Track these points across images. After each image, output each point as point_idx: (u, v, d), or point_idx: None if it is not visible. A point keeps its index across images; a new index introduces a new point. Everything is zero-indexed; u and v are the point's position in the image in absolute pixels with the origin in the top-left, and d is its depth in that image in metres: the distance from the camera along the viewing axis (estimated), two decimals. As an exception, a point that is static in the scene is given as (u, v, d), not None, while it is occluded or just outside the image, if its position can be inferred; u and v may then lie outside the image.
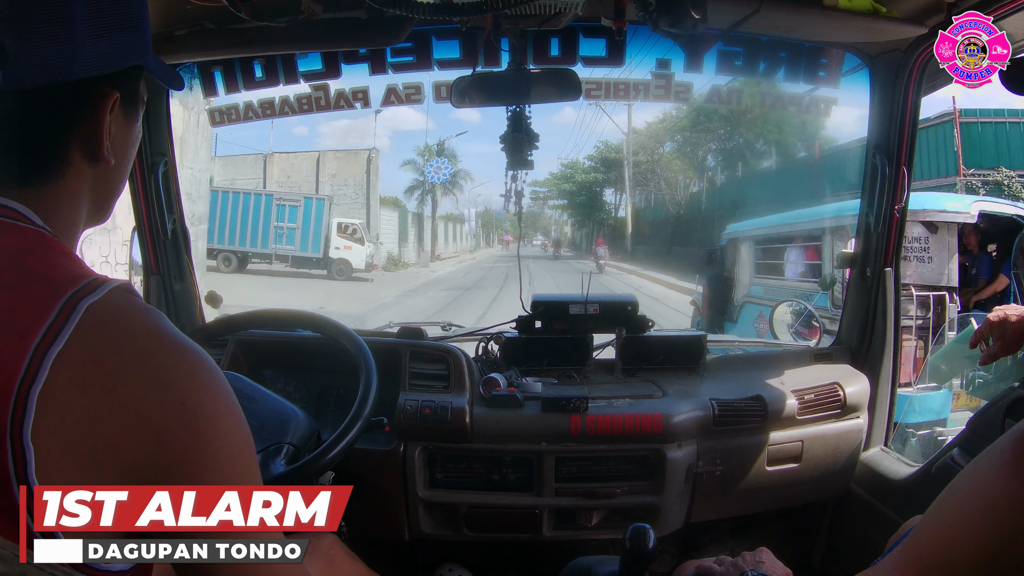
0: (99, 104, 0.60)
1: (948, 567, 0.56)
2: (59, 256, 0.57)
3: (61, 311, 0.52)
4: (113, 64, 0.60)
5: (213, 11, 1.31)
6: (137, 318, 0.56)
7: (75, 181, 0.61)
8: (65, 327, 0.52)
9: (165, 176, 1.64)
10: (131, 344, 0.54)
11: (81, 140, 0.60)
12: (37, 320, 0.52)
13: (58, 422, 0.50)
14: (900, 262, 1.65)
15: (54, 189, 0.59)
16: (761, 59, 1.58)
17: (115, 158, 0.62)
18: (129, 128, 0.65)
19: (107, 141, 0.61)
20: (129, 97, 0.63)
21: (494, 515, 1.50)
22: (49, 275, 0.55)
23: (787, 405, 1.55)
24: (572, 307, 1.67)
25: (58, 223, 0.60)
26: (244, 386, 1.24)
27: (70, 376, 0.51)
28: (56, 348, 0.51)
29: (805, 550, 1.78)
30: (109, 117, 0.60)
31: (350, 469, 1.43)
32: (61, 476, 0.51)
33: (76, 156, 0.60)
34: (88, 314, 0.53)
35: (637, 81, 1.77)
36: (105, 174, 0.63)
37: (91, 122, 0.60)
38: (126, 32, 0.61)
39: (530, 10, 1.35)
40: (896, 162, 1.58)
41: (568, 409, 1.46)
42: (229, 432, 0.58)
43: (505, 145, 1.48)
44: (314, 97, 1.72)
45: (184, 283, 1.74)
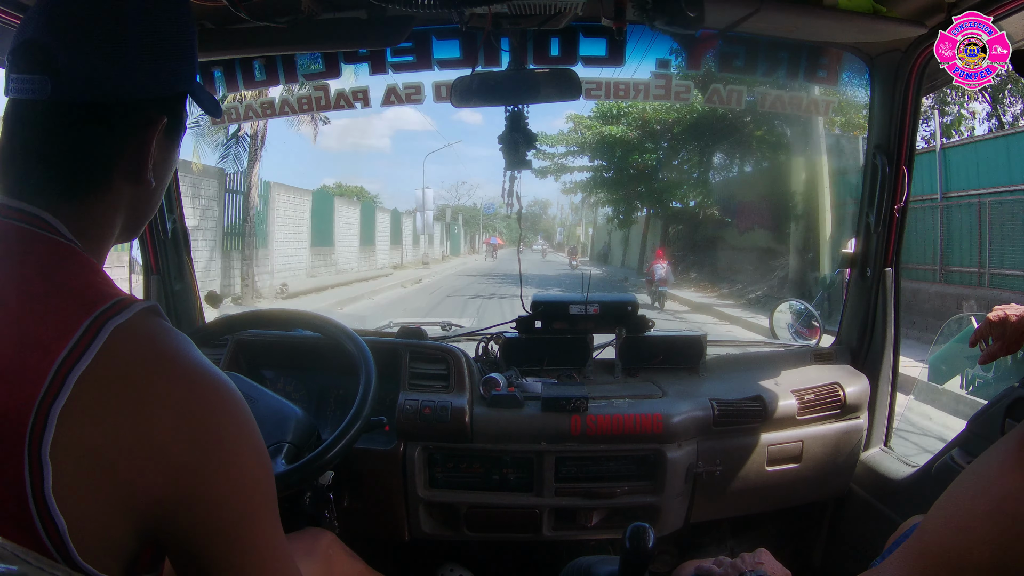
0: (148, 128, 0.60)
1: (953, 565, 0.56)
2: (88, 272, 0.57)
3: (88, 329, 0.52)
4: (164, 89, 0.62)
5: (213, 11, 1.31)
6: (163, 342, 0.56)
7: (114, 199, 0.61)
8: (91, 346, 0.51)
9: None
10: (155, 369, 0.54)
11: (126, 161, 0.60)
12: (63, 336, 0.51)
13: (77, 440, 0.50)
14: (900, 262, 1.65)
15: (91, 205, 0.60)
16: (761, 59, 1.58)
17: (156, 180, 0.63)
18: (171, 152, 0.66)
19: (151, 164, 0.61)
20: (175, 122, 0.64)
21: (494, 515, 1.50)
22: (77, 291, 0.55)
23: (787, 405, 1.55)
24: (572, 307, 1.67)
25: (89, 238, 0.60)
26: (243, 385, 1.24)
27: (93, 396, 0.51)
28: (81, 367, 0.51)
29: (805, 550, 1.78)
30: (155, 141, 0.61)
31: (350, 469, 1.44)
32: (77, 495, 0.50)
33: (118, 176, 0.60)
34: (115, 335, 0.53)
35: (637, 81, 1.77)
36: (143, 195, 0.64)
37: (138, 144, 0.60)
38: (178, 59, 0.62)
39: (530, 10, 1.36)
40: (896, 162, 1.58)
41: (568, 409, 1.46)
42: (248, 460, 0.57)
43: (503, 145, 1.48)
44: (314, 97, 1.72)
45: (184, 283, 1.74)
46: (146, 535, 0.54)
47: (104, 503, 0.51)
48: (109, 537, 0.53)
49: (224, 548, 0.56)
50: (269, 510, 0.59)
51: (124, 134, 0.60)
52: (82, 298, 0.54)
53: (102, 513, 0.52)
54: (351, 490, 1.48)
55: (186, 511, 0.54)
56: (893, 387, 1.69)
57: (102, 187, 0.60)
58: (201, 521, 0.55)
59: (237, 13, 1.24)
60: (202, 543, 0.55)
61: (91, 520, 0.51)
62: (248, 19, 1.26)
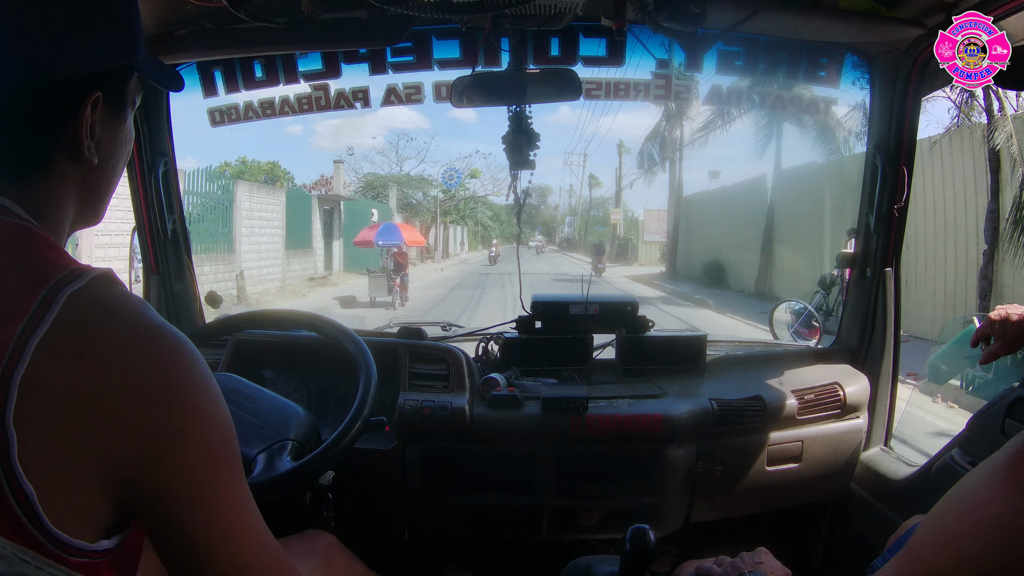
0: (79, 104, 0.59)
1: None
2: (43, 247, 0.57)
3: (44, 299, 0.53)
4: (96, 64, 0.60)
5: (213, 11, 1.31)
6: (119, 306, 0.56)
7: (59, 180, 0.61)
8: (48, 314, 0.52)
9: (165, 176, 1.64)
10: (112, 330, 0.55)
11: (63, 140, 0.60)
12: (21, 307, 0.52)
13: (40, 407, 0.51)
14: (900, 262, 1.65)
15: (39, 188, 0.60)
16: (761, 59, 1.58)
17: (100, 158, 0.62)
18: (116, 128, 0.64)
19: (88, 141, 0.60)
20: (115, 97, 0.63)
21: (494, 515, 1.50)
22: (33, 264, 0.55)
23: (787, 405, 1.55)
24: (572, 307, 1.67)
25: (45, 220, 0.60)
26: (243, 386, 1.24)
27: (52, 362, 0.51)
28: (38, 335, 0.51)
29: (805, 550, 1.78)
30: (91, 117, 0.60)
31: (350, 469, 1.44)
32: (44, 462, 0.51)
33: (59, 156, 0.60)
34: (69, 302, 0.53)
35: (637, 81, 1.77)
36: (92, 174, 0.63)
37: (71, 122, 0.60)
38: (111, 33, 0.61)
39: (530, 10, 1.35)
40: (896, 162, 1.58)
41: (568, 409, 1.46)
42: (209, 416, 0.58)
43: (506, 145, 1.48)
44: (314, 97, 1.72)
45: (184, 283, 1.74)
46: (116, 499, 0.55)
47: (71, 468, 0.52)
48: (80, 502, 0.53)
49: (191, 505, 0.56)
50: (233, 465, 0.60)
51: (57, 113, 0.59)
52: (39, 270, 0.55)
53: (70, 479, 0.52)
54: (351, 490, 1.48)
55: (151, 470, 0.54)
56: (893, 387, 1.69)
57: (44, 168, 0.60)
58: (166, 479, 0.55)
59: (236, 14, 1.24)
60: (169, 501, 0.56)
61: (60, 486, 0.52)
62: (248, 20, 1.26)
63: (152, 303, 1.67)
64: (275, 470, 1.10)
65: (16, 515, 0.50)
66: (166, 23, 1.41)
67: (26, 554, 0.51)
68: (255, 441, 1.13)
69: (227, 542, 0.58)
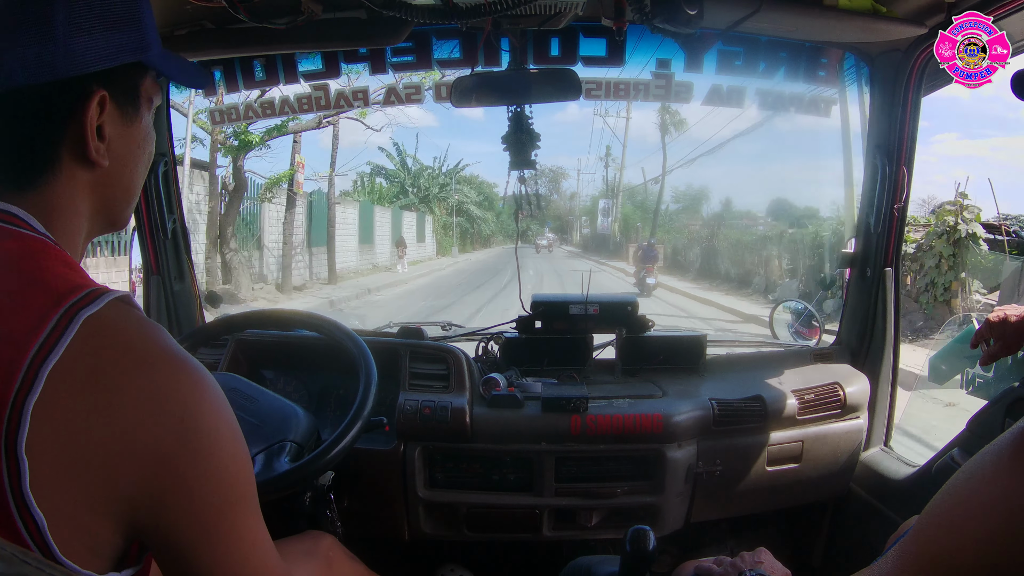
0: (83, 103, 0.58)
1: (946, 564, 0.56)
2: (59, 264, 0.56)
3: (59, 322, 0.51)
4: (102, 62, 0.58)
5: (213, 11, 1.31)
6: (136, 331, 0.55)
7: (68, 184, 0.59)
8: (62, 339, 0.51)
9: (165, 176, 1.64)
10: (129, 357, 0.53)
11: (68, 141, 0.58)
12: (35, 330, 0.51)
13: (53, 435, 0.50)
14: (900, 262, 1.65)
15: (49, 194, 0.58)
16: (761, 59, 1.58)
17: (113, 160, 0.61)
18: (128, 128, 0.62)
19: (94, 142, 0.59)
20: (124, 96, 0.61)
21: (494, 515, 1.50)
22: (48, 284, 0.54)
23: (787, 405, 1.55)
24: (572, 307, 1.67)
25: (59, 229, 0.59)
26: (243, 386, 1.24)
27: (66, 388, 0.50)
28: (52, 360, 0.50)
29: (805, 550, 1.78)
30: (97, 116, 0.59)
31: (350, 469, 1.44)
32: (56, 490, 0.50)
33: (66, 158, 0.58)
34: (86, 326, 0.52)
35: (637, 81, 1.77)
36: (105, 178, 0.61)
37: (74, 122, 0.58)
38: (117, 29, 0.59)
39: (530, 10, 1.35)
40: (896, 162, 1.58)
41: (568, 409, 1.46)
42: (227, 449, 0.57)
43: (507, 145, 1.48)
44: (314, 97, 1.72)
45: (184, 283, 1.74)
46: (127, 528, 0.54)
47: (83, 497, 0.51)
48: (90, 531, 0.52)
49: (205, 539, 0.55)
50: (250, 499, 0.58)
51: (58, 113, 0.57)
52: (53, 291, 0.53)
53: (81, 507, 0.51)
54: (351, 490, 1.47)
55: (165, 502, 0.53)
56: (893, 387, 1.69)
57: (53, 173, 0.58)
58: (181, 512, 0.54)
59: (236, 14, 1.24)
60: (182, 535, 0.55)
61: (71, 515, 0.51)
62: (248, 20, 1.26)
63: (152, 303, 1.67)
64: (273, 471, 1.10)
65: (26, 543, 0.50)
66: (166, 23, 1.40)
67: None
68: (254, 441, 1.12)
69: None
